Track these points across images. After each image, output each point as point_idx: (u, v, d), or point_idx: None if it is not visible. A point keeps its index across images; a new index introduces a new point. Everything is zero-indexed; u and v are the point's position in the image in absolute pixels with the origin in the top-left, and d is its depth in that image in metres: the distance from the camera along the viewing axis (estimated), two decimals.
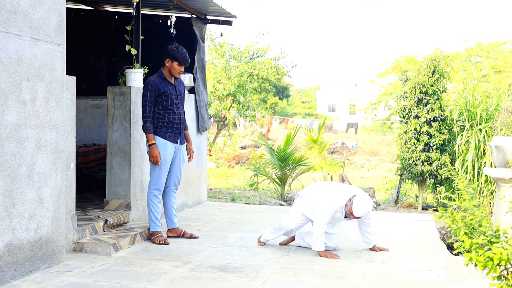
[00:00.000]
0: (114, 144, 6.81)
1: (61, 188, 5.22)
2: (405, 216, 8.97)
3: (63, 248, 5.29)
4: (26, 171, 4.72)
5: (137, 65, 7.00)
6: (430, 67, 10.49)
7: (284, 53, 19.90)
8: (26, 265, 4.75)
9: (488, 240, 3.68)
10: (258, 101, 23.74)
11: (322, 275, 5.16)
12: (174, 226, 6.56)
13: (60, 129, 5.17)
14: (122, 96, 6.77)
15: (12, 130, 4.56)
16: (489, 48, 30.93)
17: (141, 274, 5.03)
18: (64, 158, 5.28)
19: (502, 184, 6.22)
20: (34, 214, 4.83)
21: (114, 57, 9.50)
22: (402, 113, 10.74)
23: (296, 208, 6.14)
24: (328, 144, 19.11)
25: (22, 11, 4.65)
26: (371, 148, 26.62)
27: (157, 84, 6.21)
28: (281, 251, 6.07)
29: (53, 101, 5.07)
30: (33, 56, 4.79)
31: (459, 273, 5.31)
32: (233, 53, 19.80)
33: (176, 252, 5.88)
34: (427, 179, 10.45)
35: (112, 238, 5.91)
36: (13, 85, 4.57)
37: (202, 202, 9.42)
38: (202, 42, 9.09)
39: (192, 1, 8.35)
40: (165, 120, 6.25)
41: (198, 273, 5.10)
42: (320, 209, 5.86)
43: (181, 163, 6.51)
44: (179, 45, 6.37)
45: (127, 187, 6.81)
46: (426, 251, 6.32)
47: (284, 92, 50.84)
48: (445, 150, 10.29)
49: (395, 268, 5.46)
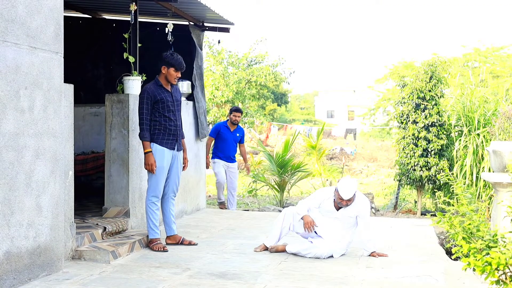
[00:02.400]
0: (113, 152, 6.81)
1: (60, 196, 5.22)
2: (404, 222, 8.97)
3: (62, 256, 5.28)
4: (24, 179, 4.72)
5: (135, 73, 7.01)
6: (427, 72, 10.52)
7: (282, 59, 19.91)
8: (25, 273, 4.75)
9: (486, 244, 3.69)
10: (256, 108, 23.73)
11: (321, 281, 5.16)
12: (173, 233, 6.56)
13: (58, 137, 5.18)
14: (120, 103, 6.78)
15: (10, 139, 4.56)
16: (486, 53, 30.99)
17: (140, 281, 5.02)
18: (62, 166, 5.28)
19: (500, 189, 6.24)
20: (32, 222, 4.83)
21: (112, 65, 9.51)
22: (400, 118, 10.77)
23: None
24: (327, 150, 19.10)
25: (19, 19, 4.66)
26: (369, 154, 26.63)
27: (153, 92, 6.22)
28: (280, 257, 6.07)
29: (51, 109, 5.07)
30: (31, 64, 4.80)
31: (458, 278, 5.31)
32: (231, 60, 19.80)
33: (175, 259, 5.87)
34: (425, 184, 10.47)
35: (111, 246, 5.90)
36: (11, 94, 4.57)
37: (201, 209, 9.42)
38: (200, 49, 9.12)
39: (189, 8, 8.37)
40: (162, 127, 6.26)
41: (197, 280, 5.09)
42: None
43: (179, 170, 6.52)
44: (174, 52, 6.40)
45: (125, 195, 6.81)
46: (425, 256, 6.32)
47: (282, 99, 50.86)
48: (443, 155, 10.31)
49: (394, 274, 5.46)
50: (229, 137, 9.88)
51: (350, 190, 5.97)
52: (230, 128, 9.91)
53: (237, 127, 10.00)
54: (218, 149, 9.95)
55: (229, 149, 9.91)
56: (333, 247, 6.07)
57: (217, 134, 9.88)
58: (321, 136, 14.50)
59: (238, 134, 10.00)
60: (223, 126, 9.93)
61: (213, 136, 9.89)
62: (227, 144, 9.88)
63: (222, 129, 9.88)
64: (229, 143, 9.90)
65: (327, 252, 6.03)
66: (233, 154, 10.03)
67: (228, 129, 9.90)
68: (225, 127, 9.92)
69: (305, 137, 18.19)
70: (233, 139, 9.95)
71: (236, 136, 9.98)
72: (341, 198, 5.98)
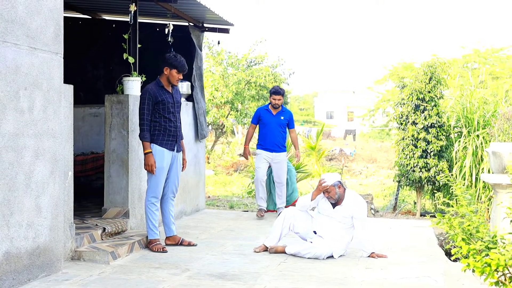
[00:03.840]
0: (112, 152, 6.81)
1: (59, 197, 5.22)
2: (403, 223, 8.97)
3: (61, 256, 5.28)
4: (24, 179, 4.73)
5: (134, 74, 7.01)
6: (427, 73, 10.53)
7: (281, 60, 19.94)
8: (24, 274, 4.75)
9: (486, 246, 3.69)
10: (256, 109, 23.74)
11: (321, 282, 5.16)
12: (172, 234, 6.56)
13: (58, 138, 5.18)
14: (119, 104, 6.78)
15: (10, 139, 4.56)
16: (486, 54, 31.03)
17: (139, 282, 5.02)
18: (62, 167, 5.28)
19: (499, 190, 6.24)
20: (32, 222, 4.83)
21: (111, 66, 9.51)
22: (399, 119, 10.78)
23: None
24: (326, 151, 19.10)
25: (19, 20, 4.66)
26: (369, 154, 26.62)
27: (154, 93, 6.23)
28: (280, 258, 6.07)
29: (51, 109, 5.07)
30: (30, 65, 4.80)
31: (457, 279, 5.32)
32: (230, 60, 19.81)
33: (174, 260, 5.87)
34: (425, 186, 10.47)
35: (110, 246, 5.90)
36: (11, 94, 4.57)
37: (200, 209, 9.42)
38: (199, 50, 9.12)
39: (189, 9, 8.37)
40: (162, 128, 6.26)
41: (196, 281, 5.09)
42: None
43: (179, 170, 6.52)
44: (177, 54, 6.40)
45: (125, 195, 6.81)
46: (424, 257, 6.32)
47: None
48: (443, 156, 10.32)
49: (393, 275, 5.46)
50: (271, 121, 8.56)
51: (329, 178, 6.19)
52: (272, 111, 8.61)
53: (282, 109, 8.63)
54: (261, 137, 8.69)
55: (273, 136, 8.54)
56: (333, 247, 6.07)
57: (258, 119, 8.70)
58: (320, 137, 14.50)
59: (283, 117, 8.60)
60: (263, 110, 8.70)
61: (255, 123, 8.76)
62: (270, 130, 8.54)
63: (262, 113, 8.65)
64: (273, 129, 8.53)
65: (326, 252, 6.03)
66: (280, 141, 8.61)
67: (270, 112, 8.60)
68: (266, 110, 8.67)
69: (305, 138, 18.17)
70: (278, 123, 8.56)
71: (281, 119, 8.59)
72: (326, 190, 6.16)
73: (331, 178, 6.21)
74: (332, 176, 6.27)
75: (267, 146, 8.55)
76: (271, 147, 8.54)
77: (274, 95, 8.46)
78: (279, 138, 8.56)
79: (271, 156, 8.54)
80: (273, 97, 8.47)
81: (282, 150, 8.61)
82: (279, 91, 8.47)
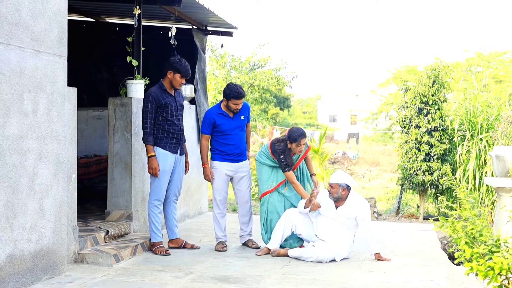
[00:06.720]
0: (115, 155, 6.83)
1: (63, 199, 5.23)
2: (406, 226, 8.96)
3: (65, 259, 5.29)
4: (27, 182, 4.74)
5: (138, 76, 7.03)
6: (430, 77, 10.51)
7: (284, 63, 19.98)
8: (27, 276, 4.75)
9: (489, 249, 3.69)
10: (259, 112, 23.76)
11: (324, 285, 5.15)
12: (175, 236, 6.57)
13: (61, 140, 5.19)
14: (123, 107, 6.79)
15: (13, 142, 4.57)
16: (489, 58, 30.97)
17: (142, 285, 5.02)
18: (65, 169, 5.29)
19: (502, 194, 6.23)
20: (35, 225, 4.84)
21: (115, 69, 9.53)
22: (402, 123, 10.76)
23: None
24: (329, 154, 19.07)
25: (23, 23, 4.68)
26: (372, 158, 26.63)
27: (157, 96, 6.23)
28: (282, 261, 6.07)
29: (55, 112, 5.09)
30: (34, 67, 4.81)
31: (460, 283, 5.31)
32: (234, 64, 19.85)
33: (177, 263, 5.87)
34: (428, 189, 10.45)
35: (113, 249, 5.91)
36: (15, 97, 4.59)
37: (203, 212, 9.42)
38: (203, 53, 9.13)
39: (193, 12, 8.39)
40: (165, 131, 6.27)
41: (199, 284, 5.09)
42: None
43: (181, 173, 6.52)
44: (181, 58, 6.39)
45: (128, 198, 6.81)
46: (427, 261, 6.31)
47: (285, 103, 50.84)
48: (446, 160, 10.30)
49: (396, 278, 5.45)
50: (231, 126, 6.64)
51: (336, 176, 6.22)
52: (228, 114, 6.63)
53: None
54: (218, 144, 6.72)
55: (235, 142, 6.67)
56: (335, 250, 6.07)
57: (212, 128, 6.64)
58: (323, 140, 14.47)
59: (243, 116, 6.71)
60: (217, 115, 6.64)
61: (208, 132, 6.68)
62: (231, 136, 6.66)
63: (218, 119, 6.61)
64: (233, 135, 6.67)
65: (329, 255, 6.02)
66: (244, 147, 6.82)
67: (226, 116, 6.63)
68: (220, 114, 6.64)
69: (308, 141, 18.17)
70: (238, 126, 6.71)
71: (241, 119, 6.70)
72: (331, 186, 6.20)
73: (342, 177, 6.23)
74: (345, 176, 6.29)
75: (227, 157, 6.67)
76: (234, 157, 6.70)
77: (236, 100, 6.48)
78: (242, 143, 6.78)
79: (233, 168, 6.70)
80: (235, 102, 6.49)
81: (246, 158, 6.85)
82: (243, 94, 6.52)
